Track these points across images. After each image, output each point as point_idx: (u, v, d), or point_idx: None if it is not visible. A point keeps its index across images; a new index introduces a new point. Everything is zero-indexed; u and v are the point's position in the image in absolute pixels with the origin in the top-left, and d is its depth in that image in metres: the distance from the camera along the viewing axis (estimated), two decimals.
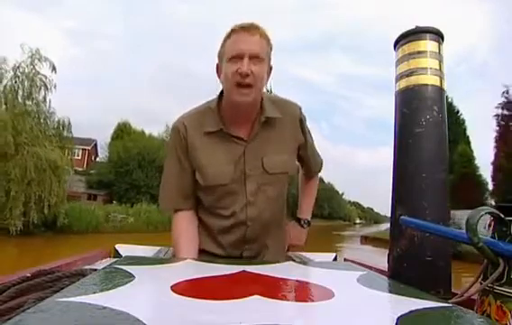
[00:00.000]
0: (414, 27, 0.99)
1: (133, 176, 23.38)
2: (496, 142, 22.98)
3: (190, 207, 1.11)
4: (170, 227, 1.13)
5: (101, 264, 1.04)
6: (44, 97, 15.38)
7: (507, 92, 22.98)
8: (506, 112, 23.32)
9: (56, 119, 16.13)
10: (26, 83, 14.81)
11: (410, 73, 0.98)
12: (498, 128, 23.24)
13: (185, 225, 1.10)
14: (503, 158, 20.92)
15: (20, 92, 14.77)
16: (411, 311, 0.48)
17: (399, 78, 1.01)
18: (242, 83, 0.96)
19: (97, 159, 31.92)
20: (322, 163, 1.31)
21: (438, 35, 0.99)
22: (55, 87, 15.46)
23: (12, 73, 14.74)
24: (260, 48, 0.97)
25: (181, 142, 1.07)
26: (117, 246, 1.37)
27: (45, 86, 15.32)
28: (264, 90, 1.07)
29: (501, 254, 0.66)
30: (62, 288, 0.58)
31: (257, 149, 1.06)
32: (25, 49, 14.77)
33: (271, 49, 1.04)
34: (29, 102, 15.00)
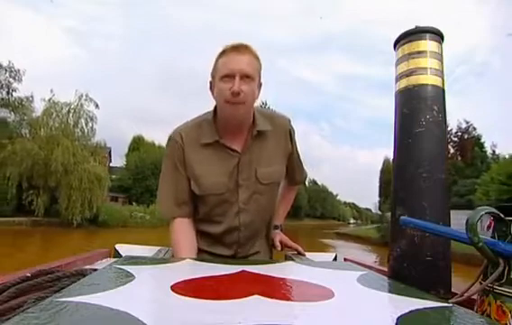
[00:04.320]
0: (414, 27, 0.99)
1: (148, 182, 28.63)
2: None
3: (187, 213, 1.14)
4: None
5: (101, 264, 1.04)
6: (91, 127, 22.31)
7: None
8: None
9: (95, 141, 22.87)
10: (75, 116, 21.62)
11: (410, 73, 0.98)
12: None
13: (183, 230, 1.12)
14: None
15: (70, 123, 21.35)
16: (411, 311, 0.48)
17: (399, 78, 1.01)
18: (234, 101, 1.01)
19: (111, 164, 36.19)
20: (306, 176, 1.38)
21: (438, 35, 0.99)
22: (96, 119, 22.41)
23: (66, 110, 21.44)
24: (250, 67, 1.02)
25: (178, 152, 1.10)
26: (117, 246, 1.36)
27: (90, 118, 22.24)
28: (257, 104, 1.12)
29: (501, 254, 0.66)
30: (62, 288, 0.58)
31: (250, 160, 1.10)
32: (77, 93, 21.81)
33: (261, 66, 1.08)
34: (76, 130, 21.67)
